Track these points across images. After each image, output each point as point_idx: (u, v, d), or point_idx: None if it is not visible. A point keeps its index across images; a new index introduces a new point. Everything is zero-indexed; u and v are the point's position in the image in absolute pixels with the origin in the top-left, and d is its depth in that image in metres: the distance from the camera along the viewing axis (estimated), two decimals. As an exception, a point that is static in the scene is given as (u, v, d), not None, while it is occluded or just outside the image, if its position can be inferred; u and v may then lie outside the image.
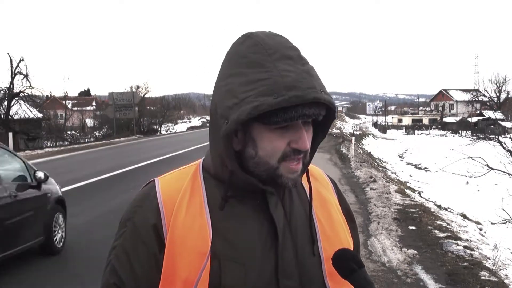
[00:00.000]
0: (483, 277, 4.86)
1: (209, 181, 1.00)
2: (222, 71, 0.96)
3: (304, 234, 1.00)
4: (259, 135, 0.92)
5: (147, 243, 0.95)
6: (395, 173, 21.29)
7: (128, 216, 1.00)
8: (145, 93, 46.13)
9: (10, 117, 24.49)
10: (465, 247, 5.94)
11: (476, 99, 63.15)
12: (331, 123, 1.01)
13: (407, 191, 12.04)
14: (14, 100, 24.92)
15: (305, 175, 1.03)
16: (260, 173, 0.95)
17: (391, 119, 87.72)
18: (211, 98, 1.01)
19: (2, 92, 25.01)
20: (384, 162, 26.19)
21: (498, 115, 46.57)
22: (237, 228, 0.95)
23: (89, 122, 45.09)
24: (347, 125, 64.83)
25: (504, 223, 11.28)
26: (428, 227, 6.95)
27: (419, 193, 14.00)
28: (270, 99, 0.87)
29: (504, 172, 13.24)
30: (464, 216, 10.99)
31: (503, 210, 11.40)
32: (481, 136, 22.44)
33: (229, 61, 0.96)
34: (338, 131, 39.24)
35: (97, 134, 38.12)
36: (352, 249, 1.06)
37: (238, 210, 0.97)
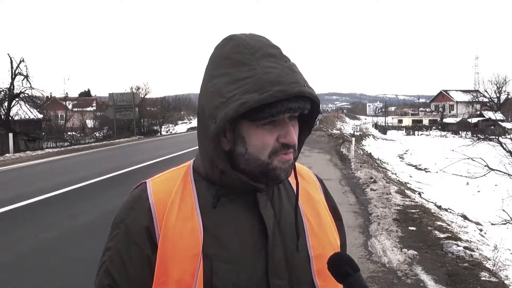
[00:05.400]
0: (483, 278, 4.85)
1: (200, 182, 1.02)
2: (207, 74, 0.98)
3: (293, 233, 1.01)
4: (248, 132, 0.95)
5: (140, 245, 0.97)
6: (395, 174, 21.30)
7: (121, 218, 1.01)
8: (146, 94, 46.11)
9: (10, 118, 24.48)
10: (465, 248, 5.94)
11: (476, 100, 63.14)
12: (316, 118, 1.03)
13: (408, 192, 12.04)
14: (14, 101, 24.93)
15: (292, 173, 1.05)
16: (252, 169, 0.97)
17: (391, 120, 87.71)
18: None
19: (2, 93, 25.02)
20: (384, 163, 26.20)
21: (498, 116, 46.54)
22: (228, 228, 0.97)
23: (90, 123, 45.04)
24: (347, 126, 64.82)
25: (504, 223, 11.28)
26: (429, 227, 6.94)
27: (419, 193, 14.00)
28: (256, 95, 0.89)
29: (504, 173, 13.25)
30: (464, 217, 11.00)
31: (503, 210, 11.41)
32: (481, 137, 22.45)
33: (213, 63, 0.98)
34: (339, 132, 39.23)
35: (97, 135, 38.08)
36: (339, 246, 1.09)
37: (229, 211, 0.98)
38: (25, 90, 25.28)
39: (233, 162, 0.97)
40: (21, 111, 25.10)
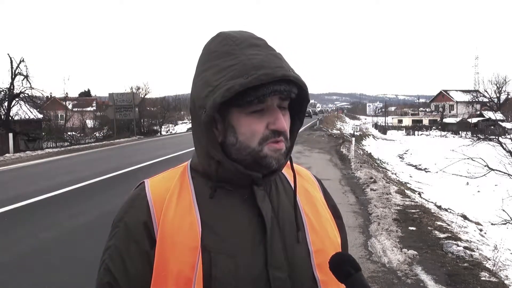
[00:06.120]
0: (483, 278, 4.86)
1: (197, 179, 1.03)
2: (197, 70, 1.02)
3: (291, 227, 1.02)
4: (237, 121, 0.97)
5: (138, 241, 0.97)
6: (395, 174, 21.30)
7: (120, 216, 1.03)
8: (145, 94, 46.05)
9: (10, 118, 24.48)
10: (465, 247, 5.94)
11: (476, 100, 63.15)
12: (306, 106, 1.05)
13: (407, 191, 12.04)
14: (14, 101, 24.91)
15: (289, 167, 1.07)
16: (243, 157, 0.98)
17: (391, 120, 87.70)
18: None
19: (2, 93, 25.01)
20: (384, 163, 26.20)
21: (498, 116, 46.57)
22: (226, 222, 0.98)
23: (89, 123, 45.03)
24: (347, 126, 64.81)
25: (504, 223, 11.28)
26: (428, 227, 6.94)
27: (419, 193, 14.00)
28: (241, 79, 0.91)
29: (504, 173, 13.26)
30: (464, 217, 10.99)
31: (503, 210, 11.41)
32: (481, 137, 22.46)
33: (202, 59, 1.01)
34: (339, 132, 39.23)
35: (97, 135, 38.06)
36: (339, 244, 1.10)
37: (226, 205, 0.99)
38: (25, 90, 25.29)
39: (226, 153, 0.99)
40: (21, 111, 25.08)
